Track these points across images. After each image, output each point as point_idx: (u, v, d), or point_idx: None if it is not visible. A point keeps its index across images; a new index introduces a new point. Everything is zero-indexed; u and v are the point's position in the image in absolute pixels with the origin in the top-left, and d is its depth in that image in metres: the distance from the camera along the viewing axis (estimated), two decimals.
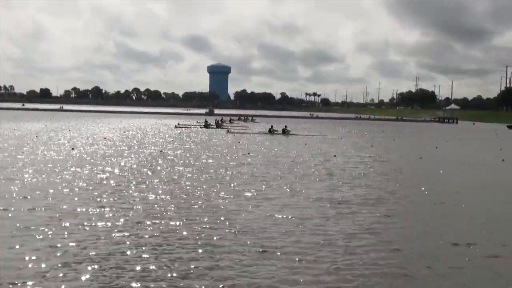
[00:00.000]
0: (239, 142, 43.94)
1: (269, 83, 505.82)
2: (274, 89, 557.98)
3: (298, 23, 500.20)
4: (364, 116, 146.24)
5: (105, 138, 44.60)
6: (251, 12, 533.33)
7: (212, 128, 68.35)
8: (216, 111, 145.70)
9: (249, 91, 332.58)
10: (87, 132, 54.44)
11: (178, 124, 72.20)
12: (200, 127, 68.93)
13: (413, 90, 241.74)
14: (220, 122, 74.68)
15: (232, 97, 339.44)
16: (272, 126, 60.17)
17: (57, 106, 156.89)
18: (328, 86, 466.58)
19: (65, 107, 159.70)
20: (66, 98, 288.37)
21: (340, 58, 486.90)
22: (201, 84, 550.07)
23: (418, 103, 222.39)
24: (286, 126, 60.51)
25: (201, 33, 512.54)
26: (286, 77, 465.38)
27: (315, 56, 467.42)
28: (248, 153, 33.45)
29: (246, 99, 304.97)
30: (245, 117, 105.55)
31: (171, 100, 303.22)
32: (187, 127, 68.58)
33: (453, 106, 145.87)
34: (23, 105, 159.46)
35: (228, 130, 61.61)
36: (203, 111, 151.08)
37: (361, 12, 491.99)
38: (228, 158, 30.39)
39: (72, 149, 33.43)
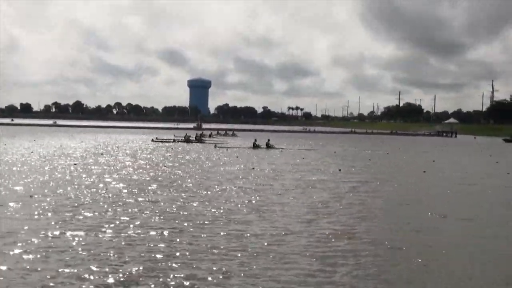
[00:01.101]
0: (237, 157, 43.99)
1: (245, 96, 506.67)
2: (250, 103, 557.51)
3: (273, 37, 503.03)
4: (359, 130, 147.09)
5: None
6: (226, 25, 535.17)
7: (194, 142, 68.65)
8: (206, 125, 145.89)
9: (225, 104, 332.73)
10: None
11: (156, 138, 71.79)
12: (181, 142, 68.96)
13: (394, 104, 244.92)
14: (200, 136, 75.00)
15: (212, 111, 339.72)
16: (255, 140, 61.39)
17: (50, 122, 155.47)
18: (305, 100, 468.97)
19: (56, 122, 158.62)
20: (46, 112, 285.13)
21: (315, 71, 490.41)
22: (178, 98, 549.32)
23: (404, 117, 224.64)
24: (268, 140, 61.92)
25: (176, 46, 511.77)
26: (262, 90, 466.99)
27: (291, 70, 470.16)
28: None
29: (228, 113, 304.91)
30: (225, 132, 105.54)
31: (153, 114, 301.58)
32: (165, 142, 68.66)
33: (451, 120, 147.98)
34: (12, 120, 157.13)
35: (215, 146, 61.87)
36: (190, 125, 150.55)
37: (336, 26, 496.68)
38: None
39: None
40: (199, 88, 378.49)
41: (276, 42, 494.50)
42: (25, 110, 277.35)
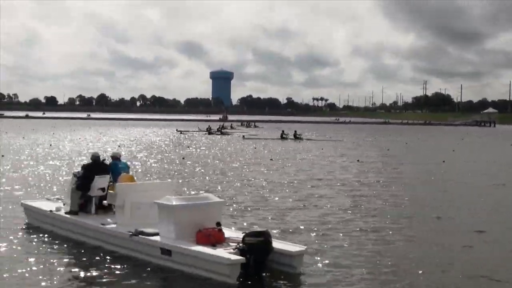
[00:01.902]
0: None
1: (264, 88, 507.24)
2: (269, 94, 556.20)
3: (292, 28, 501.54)
4: (393, 121, 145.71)
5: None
6: (244, 17, 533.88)
7: (217, 134, 68.67)
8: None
9: (249, 96, 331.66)
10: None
11: (181, 131, 72.03)
12: (204, 133, 69.31)
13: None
14: (222, 128, 75.53)
15: (234, 103, 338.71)
16: (283, 131, 60.88)
17: (84, 115, 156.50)
18: (323, 91, 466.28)
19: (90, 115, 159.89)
20: (71, 105, 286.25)
21: (334, 62, 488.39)
22: (197, 89, 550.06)
23: (432, 107, 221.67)
24: (296, 131, 61.56)
25: (194, 38, 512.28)
26: (281, 81, 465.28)
27: (310, 61, 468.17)
28: None
29: (252, 104, 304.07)
30: (247, 123, 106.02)
31: (177, 106, 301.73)
32: (189, 132, 69.71)
33: (490, 109, 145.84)
34: (44, 113, 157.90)
35: (243, 136, 61.73)
36: (216, 117, 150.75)
37: (355, 16, 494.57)
38: None
39: None
40: (221, 79, 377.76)
41: (294, 33, 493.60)
42: (51, 103, 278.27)
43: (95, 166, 13.52)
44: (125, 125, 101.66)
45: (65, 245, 12.32)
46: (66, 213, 13.21)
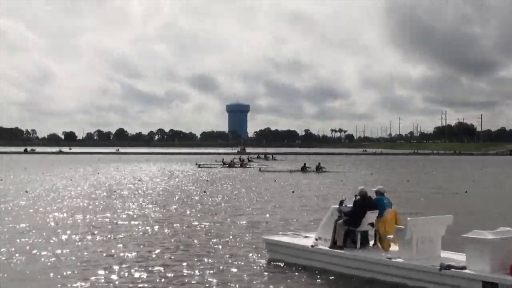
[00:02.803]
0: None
1: (276, 120, 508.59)
2: (280, 126, 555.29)
3: (302, 60, 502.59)
4: (422, 151, 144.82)
5: None
6: (255, 50, 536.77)
7: (236, 167, 67.86)
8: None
9: (267, 128, 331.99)
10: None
11: (200, 165, 70.24)
12: (223, 167, 68.11)
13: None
14: (239, 161, 74.11)
15: (250, 135, 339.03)
16: (305, 164, 60.19)
17: (113, 150, 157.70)
18: (334, 122, 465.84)
19: (103, 149, 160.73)
20: (89, 140, 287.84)
21: (345, 94, 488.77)
22: (210, 123, 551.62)
23: (453, 137, 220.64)
24: (319, 163, 60.60)
25: (205, 72, 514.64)
26: (292, 114, 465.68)
27: (321, 93, 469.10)
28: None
29: (269, 137, 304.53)
30: (265, 155, 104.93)
31: (197, 139, 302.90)
32: (209, 167, 68.18)
33: None
34: (70, 148, 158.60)
35: (260, 169, 60.83)
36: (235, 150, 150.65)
37: (365, 48, 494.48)
38: None
39: None
40: (237, 112, 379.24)
41: (305, 66, 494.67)
42: (69, 138, 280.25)
43: (365, 202, 13.53)
44: (149, 159, 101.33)
45: (342, 282, 12.29)
46: (330, 247, 13.23)
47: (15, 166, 67.92)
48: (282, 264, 13.56)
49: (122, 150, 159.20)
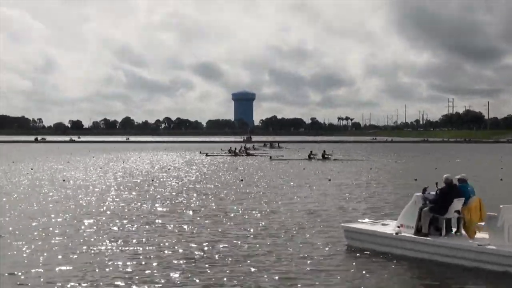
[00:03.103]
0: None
1: (280, 108, 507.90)
2: (285, 114, 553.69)
3: (307, 48, 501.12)
4: (432, 139, 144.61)
5: None
6: (259, 38, 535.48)
7: (243, 155, 67.55)
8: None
9: (273, 116, 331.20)
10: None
11: (207, 154, 70.38)
12: (231, 155, 67.55)
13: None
14: (246, 149, 73.79)
15: (256, 123, 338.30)
16: (311, 152, 60.03)
17: (123, 138, 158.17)
18: (339, 110, 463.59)
19: (113, 138, 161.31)
20: (96, 129, 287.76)
21: (350, 81, 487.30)
22: (215, 111, 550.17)
23: (461, 125, 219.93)
24: (324, 151, 60.34)
25: (210, 60, 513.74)
26: (297, 102, 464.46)
27: (325, 81, 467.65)
28: None
29: (276, 125, 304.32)
30: (270, 144, 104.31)
31: (203, 128, 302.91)
32: (216, 156, 67.85)
33: None
34: (79, 137, 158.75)
35: (270, 158, 60.44)
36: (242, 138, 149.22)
37: (370, 36, 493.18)
38: None
39: None
40: (243, 101, 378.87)
41: (310, 53, 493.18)
42: (76, 127, 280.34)
43: (451, 190, 13.53)
44: (159, 148, 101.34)
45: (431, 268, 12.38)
46: (414, 235, 13.28)
47: (34, 155, 68.05)
48: (363, 252, 13.55)
49: (131, 139, 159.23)
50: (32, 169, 43.38)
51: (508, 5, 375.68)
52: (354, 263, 12.63)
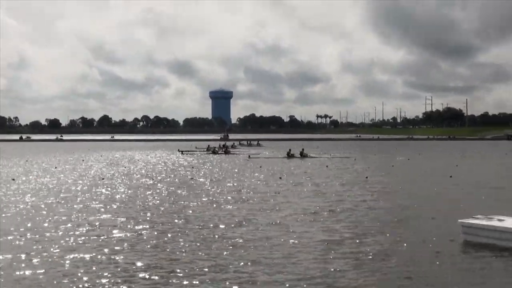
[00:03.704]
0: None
1: (256, 105, 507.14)
2: (260, 112, 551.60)
3: (282, 45, 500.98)
4: (417, 137, 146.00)
5: None
6: (235, 35, 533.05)
7: (220, 154, 67.50)
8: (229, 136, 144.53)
9: (252, 114, 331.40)
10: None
11: (182, 151, 69.99)
12: (207, 153, 67.85)
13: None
14: (226, 148, 73.25)
15: (233, 121, 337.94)
16: (290, 150, 60.21)
17: (107, 136, 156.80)
18: (314, 107, 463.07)
19: (98, 137, 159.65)
20: (72, 127, 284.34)
21: (325, 78, 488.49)
22: (191, 109, 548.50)
23: (440, 122, 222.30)
24: (303, 149, 60.99)
25: (186, 57, 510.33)
26: (272, 99, 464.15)
27: (301, 78, 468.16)
28: None
29: (255, 123, 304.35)
30: (249, 142, 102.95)
31: (181, 126, 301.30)
32: (192, 153, 67.89)
33: None
34: (61, 136, 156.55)
35: (249, 156, 60.40)
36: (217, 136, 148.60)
37: (345, 33, 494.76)
38: None
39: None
40: (221, 99, 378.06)
41: (285, 50, 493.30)
42: (53, 126, 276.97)
43: None
44: (144, 146, 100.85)
45: None
46: None
47: (33, 153, 67.17)
48: (484, 247, 13.85)
49: (122, 137, 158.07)
50: (56, 167, 42.93)
51: (482, 2, 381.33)
52: (476, 259, 12.96)
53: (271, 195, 24.91)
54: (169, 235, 15.66)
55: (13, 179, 32.43)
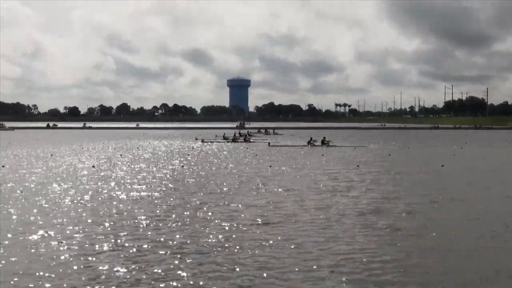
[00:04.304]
0: None
1: (270, 95, 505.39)
2: (275, 101, 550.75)
3: (297, 34, 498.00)
4: (442, 125, 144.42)
5: None
6: (249, 24, 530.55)
7: (240, 142, 67.54)
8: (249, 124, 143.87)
9: (270, 103, 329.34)
10: None
11: (203, 140, 70.11)
12: (227, 142, 67.84)
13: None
14: (239, 135, 74.34)
15: (251, 110, 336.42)
16: (311, 138, 59.45)
17: (132, 124, 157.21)
18: (328, 97, 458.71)
19: (123, 125, 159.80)
20: (90, 115, 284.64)
21: (340, 68, 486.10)
22: (205, 97, 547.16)
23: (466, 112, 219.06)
24: (324, 137, 59.83)
25: (200, 46, 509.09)
26: (287, 88, 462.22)
27: (315, 67, 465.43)
28: None
29: (273, 112, 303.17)
30: (266, 130, 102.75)
31: (200, 114, 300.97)
32: (211, 142, 67.65)
33: None
34: (85, 124, 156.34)
35: (269, 144, 60.14)
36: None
37: (360, 22, 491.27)
38: None
39: None
40: (239, 87, 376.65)
41: (300, 40, 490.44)
42: (73, 114, 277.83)
43: None
44: (171, 135, 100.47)
45: None
46: None
47: (85, 141, 67.71)
48: None
49: (148, 125, 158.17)
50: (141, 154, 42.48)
51: None
52: None
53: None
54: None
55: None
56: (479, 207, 18.23)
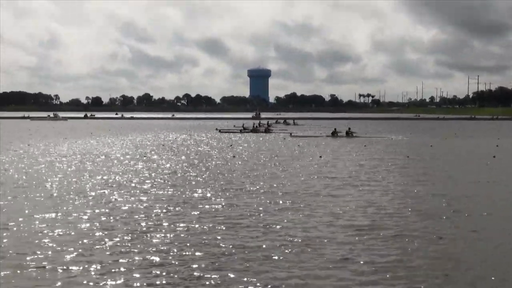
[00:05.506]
0: None
1: (285, 85, 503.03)
2: (290, 90, 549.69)
3: (313, 24, 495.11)
4: (479, 116, 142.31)
5: None
6: (265, 14, 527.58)
7: (261, 132, 66.78)
8: (267, 114, 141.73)
9: (292, 93, 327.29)
10: None
11: (220, 130, 69.95)
12: (247, 132, 67.31)
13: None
14: (259, 126, 74.35)
15: (271, 100, 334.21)
16: (335, 129, 58.10)
17: (168, 115, 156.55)
18: (344, 87, 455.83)
19: (159, 115, 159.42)
20: (112, 106, 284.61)
21: (356, 58, 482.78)
22: (221, 87, 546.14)
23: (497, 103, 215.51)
24: (349, 128, 58.56)
25: (215, 36, 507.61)
26: (303, 78, 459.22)
27: (331, 57, 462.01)
28: None
29: (295, 102, 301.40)
30: (285, 121, 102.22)
31: (223, 105, 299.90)
32: (231, 132, 67.73)
33: None
34: (116, 114, 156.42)
35: (290, 134, 59.44)
36: (269, 115, 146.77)
37: (377, 12, 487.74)
38: None
39: None
40: (259, 77, 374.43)
41: (316, 29, 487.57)
42: (95, 104, 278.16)
43: None
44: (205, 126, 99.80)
45: None
46: None
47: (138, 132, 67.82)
48: None
49: (181, 115, 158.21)
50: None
51: None
52: None
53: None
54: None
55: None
56: None
